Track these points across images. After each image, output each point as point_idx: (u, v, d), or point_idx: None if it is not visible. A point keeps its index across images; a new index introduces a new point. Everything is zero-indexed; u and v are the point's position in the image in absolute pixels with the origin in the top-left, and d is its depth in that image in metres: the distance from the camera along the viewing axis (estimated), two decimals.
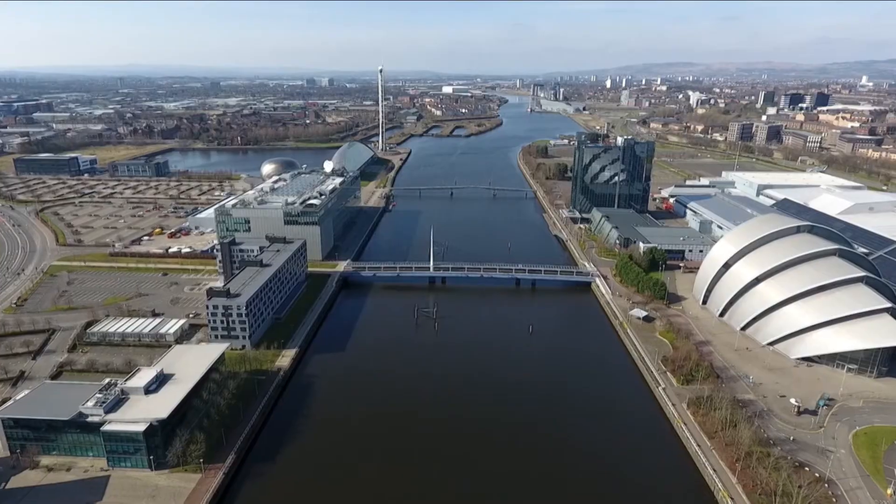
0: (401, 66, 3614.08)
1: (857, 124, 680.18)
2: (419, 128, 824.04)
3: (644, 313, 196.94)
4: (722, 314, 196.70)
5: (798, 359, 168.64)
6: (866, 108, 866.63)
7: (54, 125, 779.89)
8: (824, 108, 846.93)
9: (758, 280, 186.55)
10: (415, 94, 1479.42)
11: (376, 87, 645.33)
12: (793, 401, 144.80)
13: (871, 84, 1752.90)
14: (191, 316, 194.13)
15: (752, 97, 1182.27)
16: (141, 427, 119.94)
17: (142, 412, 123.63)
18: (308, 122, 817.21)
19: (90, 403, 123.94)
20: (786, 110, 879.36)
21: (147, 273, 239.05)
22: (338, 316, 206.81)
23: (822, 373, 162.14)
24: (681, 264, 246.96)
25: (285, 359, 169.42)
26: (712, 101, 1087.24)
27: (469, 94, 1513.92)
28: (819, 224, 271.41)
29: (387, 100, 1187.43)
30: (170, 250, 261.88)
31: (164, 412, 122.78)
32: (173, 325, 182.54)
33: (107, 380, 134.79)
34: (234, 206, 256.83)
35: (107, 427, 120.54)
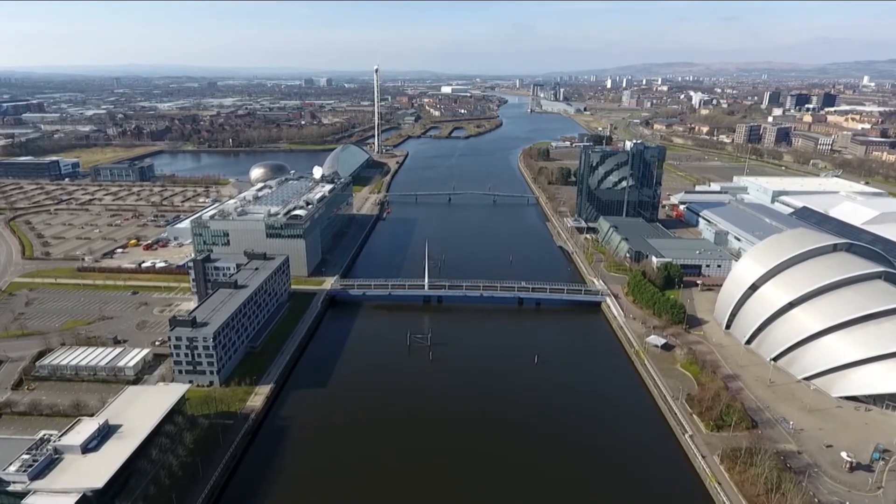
0: (400, 66, 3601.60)
1: (867, 126, 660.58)
2: (417, 129, 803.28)
3: (662, 341, 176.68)
4: (749, 341, 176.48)
5: (841, 398, 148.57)
6: (873, 108, 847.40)
7: (42, 126, 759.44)
8: (832, 109, 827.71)
9: (791, 305, 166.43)
10: (413, 94, 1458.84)
11: (379, 87, 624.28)
12: (844, 455, 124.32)
13: (873, 84, 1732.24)
14: (156, 343, 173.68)
15: (755, 97, 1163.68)
16: (71, 499, 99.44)
17: (75, 478, 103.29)
18: (303, 123, 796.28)
19: (13, 468, 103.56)
20: (792, 111, 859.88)
21: (115, 291, 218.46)
22: (321, 343, 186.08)
23: (871, 416, 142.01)
24: (698, 281, 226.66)
25: (258, 397, 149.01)
26: (714, 102, 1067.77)
27: (468, 95, 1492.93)
28: (845, 235, 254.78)
29: (385, 100, 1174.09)
30: (143, 265, 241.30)
31: (100, 479, 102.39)
32: (134, 357, 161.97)
33: (41, 433, 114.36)
34: (211, 217, 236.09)
35: (30, 499, 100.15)
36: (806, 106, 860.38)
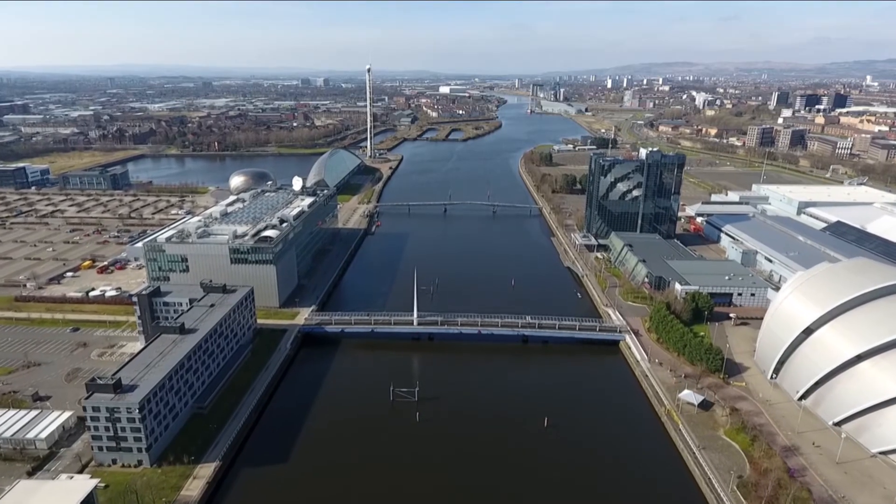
0: (398, 66, 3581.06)
1: (885, 128, 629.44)
2: (413, 131, 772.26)
3: (699, 398, 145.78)
4: (804, 396, 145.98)
5: None
6: (885, 109, 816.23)
7: (23, 129, 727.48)
8: (844, 110, 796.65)
9: (859, 358, 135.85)
10: (411, 94, 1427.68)
11: (372, 88, 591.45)
12: None
13: (876, 84, 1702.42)
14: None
15: (758, 97, 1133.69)
16: None
17: None
18: (294, 125, 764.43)
19: None
20: (802, 112, 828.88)
21: (53, 328, 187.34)
22: (286, 399, 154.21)
23: None
24: (731, 314, 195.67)
25: (197, 482, 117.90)
26: (719, 103, 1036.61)
27: (467, 95, 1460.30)
28: (890, 256, 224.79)
29: (381, 100, 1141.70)
30: (91, 293, 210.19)
31: None
32: (52, 423, 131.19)
33: None
34: (168, 239, 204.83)
35: None
36: (816, 107, 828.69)
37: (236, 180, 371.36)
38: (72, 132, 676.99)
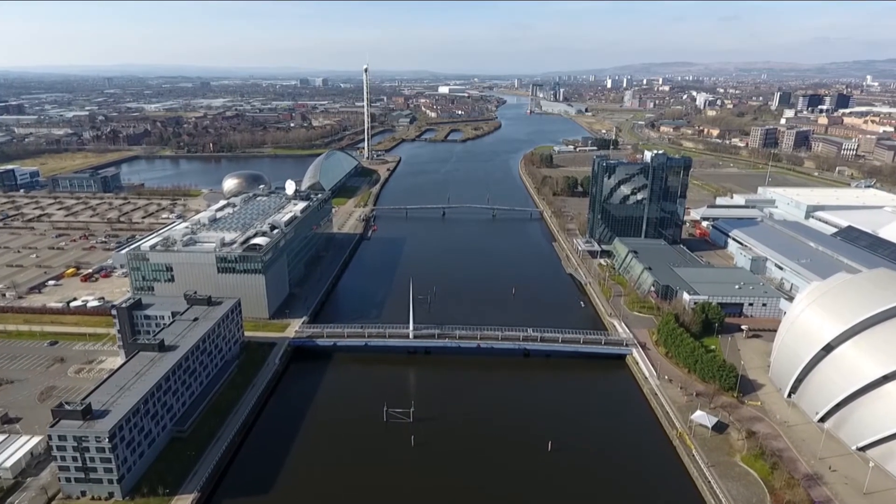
0: (398, 66, 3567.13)
1: (890, 129, 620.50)
2: (412, 131, 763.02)
3: (713, 419, 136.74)
4: (824, 419, 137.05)
5: None
6: (888, 109, 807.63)
7: (16, 129, 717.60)
8: (847, 111, 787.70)
9: (886, 378, 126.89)
10: (410, 94, 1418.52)
11: (371, 88, 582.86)
12: None
13: (876, 84, 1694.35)
14: None
15: (759, 97, 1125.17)
16: None
17: None
18: (292, 125, 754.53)
19: None
20: (804, 112, 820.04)
21: (31, 340, 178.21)
22: (272, 420, 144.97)
23: None
24: (743, 326, 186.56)
25: None
26: (720, 103, 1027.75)
27: (466, 95, 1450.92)
28: None
29: (380, 100, 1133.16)
30: (72, 304, 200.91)
31: None
32: (19, 449, 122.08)
33: None
34: (152, 247, 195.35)
35: None
36: (819, 107, 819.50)
37: (229, 183, 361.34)
38: (65, 133, 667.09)
